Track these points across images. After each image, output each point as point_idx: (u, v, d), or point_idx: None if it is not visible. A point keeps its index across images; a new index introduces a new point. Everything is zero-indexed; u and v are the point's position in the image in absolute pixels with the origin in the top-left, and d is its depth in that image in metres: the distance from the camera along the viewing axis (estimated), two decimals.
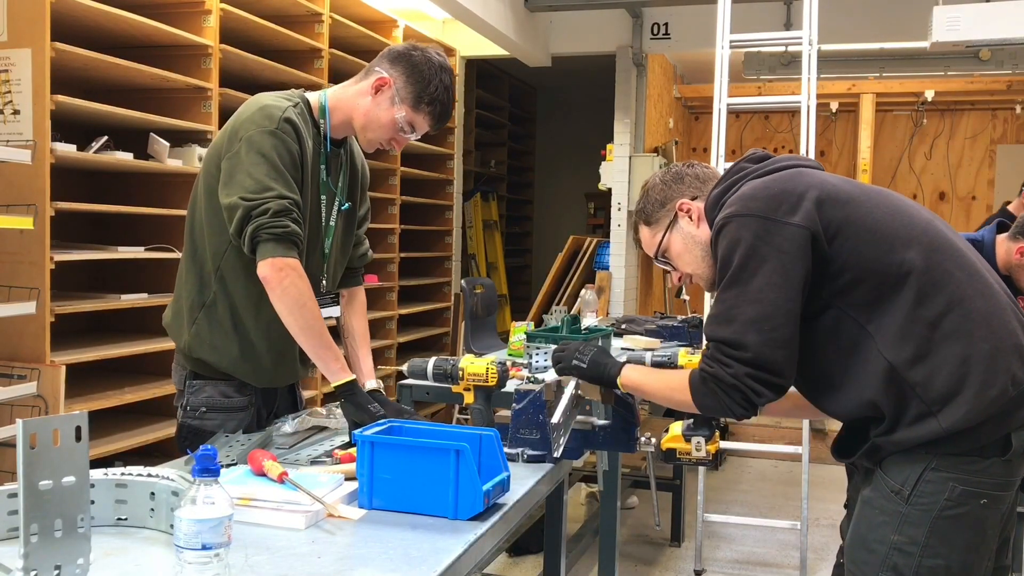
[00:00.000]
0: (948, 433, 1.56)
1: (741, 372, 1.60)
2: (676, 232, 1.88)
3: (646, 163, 5.94)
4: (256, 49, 3.92)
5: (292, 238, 1.87)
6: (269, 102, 1.96)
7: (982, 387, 1.55)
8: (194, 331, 2.02)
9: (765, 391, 1.60)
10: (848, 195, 1.67)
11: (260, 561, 1.35)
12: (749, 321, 1.60)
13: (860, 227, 1.63)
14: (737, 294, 1.62)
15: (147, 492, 1.49)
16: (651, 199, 1.92)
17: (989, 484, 1.58)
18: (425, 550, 1.40)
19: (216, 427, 2.00)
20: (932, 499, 1.58)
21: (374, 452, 1.59)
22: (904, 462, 1.62)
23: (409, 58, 1.99)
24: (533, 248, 9.70)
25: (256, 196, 1.85)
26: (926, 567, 1.58)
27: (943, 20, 4.13)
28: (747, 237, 1.62)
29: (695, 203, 1.86)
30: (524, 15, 5.67)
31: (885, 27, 5.40)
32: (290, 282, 1.86)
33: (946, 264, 1.61)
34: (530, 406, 1.91)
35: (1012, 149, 8.20)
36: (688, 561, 4.11)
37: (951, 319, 1.58)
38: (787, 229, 1.60)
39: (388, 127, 2.01)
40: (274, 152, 1.89)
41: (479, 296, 3.21)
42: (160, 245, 3.38)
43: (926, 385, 1.57)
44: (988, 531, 1.61)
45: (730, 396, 1.61)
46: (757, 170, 1.76)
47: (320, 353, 1.91)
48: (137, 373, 3.42)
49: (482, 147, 8.27)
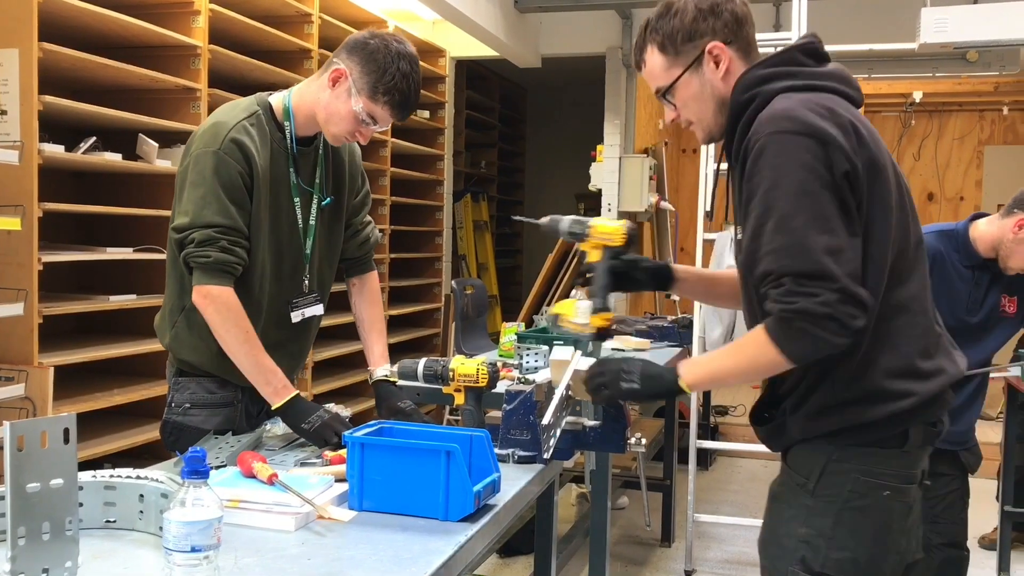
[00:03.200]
0: (844, 425, 1.57)
1: (833, 300, 1.44)
2: (696, 75, 1.66)
3: (636, 164, 5.95)
4: (245, 50, 3.91)
5: (218, 267, 1.90)
6: (219, 119, 1.97)
7: (889, 398, 1.56)
8: (174, 333, 2.06)
9: (860, 316, 1.47)
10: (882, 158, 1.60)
11: (250, 563, 1.34)
12: (825, 250, 1.45)
13: (878, 190, 1.57)
14: (807, 221, 1.46)
15: (136, 494, 1.48)
16: (679, 26, 1.65)
17: (890, 476, 1.59)
18: (415, 551, 1.40)
19: (199, 423, 2.02)
20: (836, 491, 1.59)
21: (364, 453, 1.58)
22: (807, 455, 1.62)
23: (365, 47, 1.95)
24: (523, 249, 9.70)
25: (183, 225, 1.91)
26: (833, 559, 1.58)
27: (931, 22, 4.15)
28: (806, 160, 1.48)
29: (729, 49, 1.65)
30: (514, 16, 5.67)
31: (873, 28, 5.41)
32: (212, 310, 1.92)
33: (907, 272, 1.61)
34: (520, 407, 1.91)
35: (999, 150, 8.24)
36: (678, 561, 4.11)
37: (886, 331, 1.57)
38: (837, 155, 1.49)
39: (348, 120, 1.97)
40: (214, 176, 1.91)
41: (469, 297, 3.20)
42: (149, 246, 3.37)
43: (843, 374, 1.56)
44: (894, 523, 1.61)
45: (825, 328, 1.45)
46: (809, 76, 1.62)
47: (253, 376, 1.96)
48: (126, 375, 3.40)
49: (472, 148, 8.27)
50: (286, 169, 2.03)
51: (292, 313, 2.13)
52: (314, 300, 2.17)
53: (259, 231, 1.99)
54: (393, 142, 5.25)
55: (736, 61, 1.67)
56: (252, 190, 1.96)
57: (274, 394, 1.94)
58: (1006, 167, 7.97)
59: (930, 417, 1.63)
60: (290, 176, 2.04)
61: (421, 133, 5.84)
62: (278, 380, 1.96)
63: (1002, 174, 8.03)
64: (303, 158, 2.07)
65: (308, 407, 1.95)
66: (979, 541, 4.38)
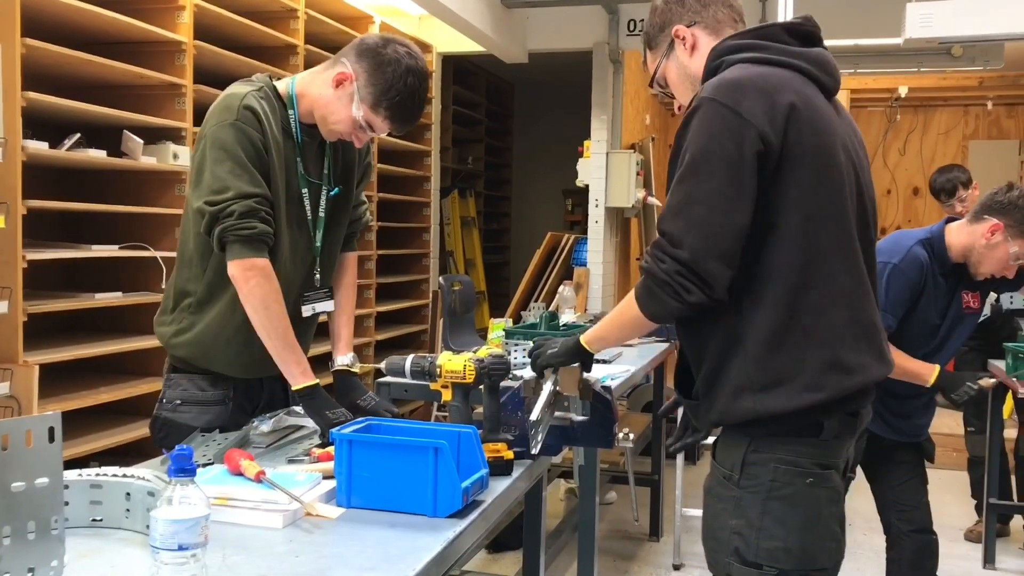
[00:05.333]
0: (759, 415, 1.58)
1: (672, 269, 1.55)
2: (672, 60, 1.81)
3: (623, 160, 5.95)
4: (231, 45, 3.89)
5: (260, 238, 1.87)
6: (230, 91, 1.95)
7: (805, 389, 1.57)
8: (178, 328, 2.04)
9: (696, 291, 1.55)
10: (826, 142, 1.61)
11: (238, 561, 1.34)
12: (695, 222, 1.54)
13: (800, 177, 1.57)
14: (692, 189, 1.56)
15: (122, 492, 1.48)
16: (653, 21, 1.84)
17: (809, 463, 1.61)
18: (404, 548, 1.40)
19: (190, 420, 2.01)
20: (759, 481, 1.61)
21: (352, 450, 1.58)
22: (729, 447, 1.65)
23: (376, 55, 1.92)
24: (511, 245, 9.70)
25: (220, 199, 1.85)
26: (764, 549, 1.60)
27: (916, 17, 4.16)
28: (714, 128, 1.55)
29: (693, 29, 1.78)
30: (501, 11, 5.66)
31: (859, 24, 5.43)
32: (256, 283, 1.88)
33: (831, 266, 1.60)
34: (509, 403, 1.91)
35: (984, 145, 8.29)
36: (667, 556, 4.13)
37: (808, 318, 1.58)
38: (749, 133, 1.53)
39: (346, 123, 1.96)
40: (237, 146, 1.87)
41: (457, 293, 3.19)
42: (135, 244, 3.35)
43: (757, 361, 1.58)
44: (824, 511, 1.63)
45: (664, 291, 1.57)
46: (778, 52, 1.66)
47: (282, 355, 1.93)
48: (112, 372, 3.38)
49: (459, 144, 8.26)
50: (293, 156, 2.01)
51: (303, 307, 2.10)
52: (325, 295, 2.15)
53: (277, 208, 1.95)
54: (380, 138, 5.24)
55: (703, 38, 1.77)
56: (270, 159, 1.93)
57: (301, 375, 1.92)
58: (990, 161, 8.02)
59: (849, 409, 1.65)
60: (297, 166, 2.02)
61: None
62: (305, 362, 1.95)
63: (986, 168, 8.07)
64: (308, 146, 2.04)
65: (330, 399, 1.96)
66: (965, 535, 4.41)
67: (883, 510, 2.90)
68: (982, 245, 2.67)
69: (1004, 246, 2.66)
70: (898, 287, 2.65)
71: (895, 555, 2.87)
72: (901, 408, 2.80)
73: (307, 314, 2.12)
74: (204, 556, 1.21)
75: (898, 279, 2.65)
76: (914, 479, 2.87)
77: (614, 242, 6.22)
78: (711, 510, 1.70)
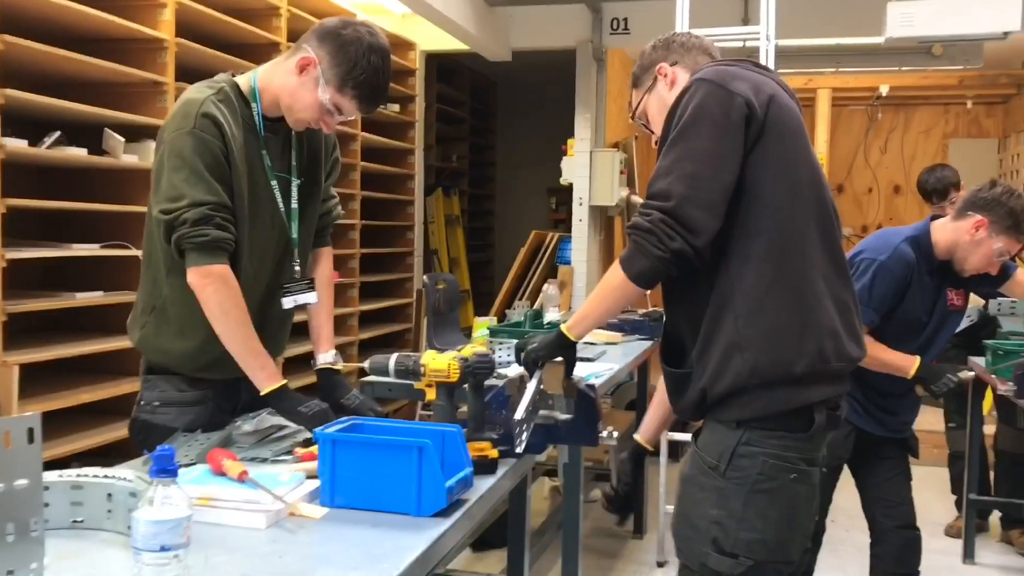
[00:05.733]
0: (750, 377, 1.62)
1: (657, 217, 1.60)
2: (654, 94, 1.95)
3: (607, 158, 5.96)
4: (213, 43, 3.86)
5: (216, 244, 1.87)
6: (188, 97, 1.93)
7: (789, 349, 1.63)
8: (143, 333, 2.03)
9: (678, 238, 1.59)
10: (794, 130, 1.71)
11: (221, 562, 1.33)
12: (682, 176, 1.62)
13: (782, 152, 1.67)
14: (681, 150, 1.64)
15: (104, 493, 1.47)
16: (641, 63, 1.99)
17: (796, 459, 1.66)
18: (388, 548, 1.40)
19: (168, 422, 1.99)
20: (745, 473, 1.65)
21: (336, 450, 1.58)
22: (719, 438, 1.69)
23: (337, 36, 1.91)
24: (495, 243, 9.69)
25: (174, 207, 1.85)
26: (743, 540, 1.64)
27: (897, 16, 4.19)
28: (704, 98, 1.66)
29: (674, 68, 1.93)
30: (484, 9, 5.66)
31: (841, 23, 5.47)
32: (213, 290, 1.87)
33: (810, 238, 1.68)
34: (493, 401, 1.91)
35: (964, 143, 8.35)
36: (651, 553, 4.14)
37: (792, 280, 1.65)
38: (737, 100, 1.64)
39: (313, 108, 1.94)
40: (194, 154, 1.86)
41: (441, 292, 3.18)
42: (116, 242, 3.33)
43: (745, 318, 1.63)
44: (801, 506, 1.69)
45: (647, 240, 1.61)
46: (749, 66, 1.80)
47: (245, 360, 1.92)
48: (93, 372, 3.36)
49: (443, 142, 8.24)
50: (258, 150, 1.99)
51: (284, 299, 2.09)
52: (306, 287, 2.13)
53: (238, 209, 1.94)
54: (363, 136, 5.22)
55: (682, 75, 1.91)
56: (230, 164, 1.92)
57: (267, 379, 1.91)
58: (970, 160, 8.07)
59: (831, 397, 1.70)
60: (263, 159, 2.00)
61: (391, 127, 5.82)
62: (271, 365, 1.94)
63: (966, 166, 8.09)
64: (272, 140, 2.03)
65: (300, 396, 1.95)
66: (945, 530, 4.45)
67: (868, 506, 2.92)
68: (967, 241, 2.70)
69: (988, 242, 2.69)
70: (884, 284, 2.68)
71: (879, 551, 2.89)
72: (888, 404, 2.84)
73: (288, 306, 2.10)
74: (186, 557, 1.21)
75: (884, 275, 2.68)
76: (899, 475, 2.89)
77: (598, 240, 6.23)
78: (690, 498, 1.72)
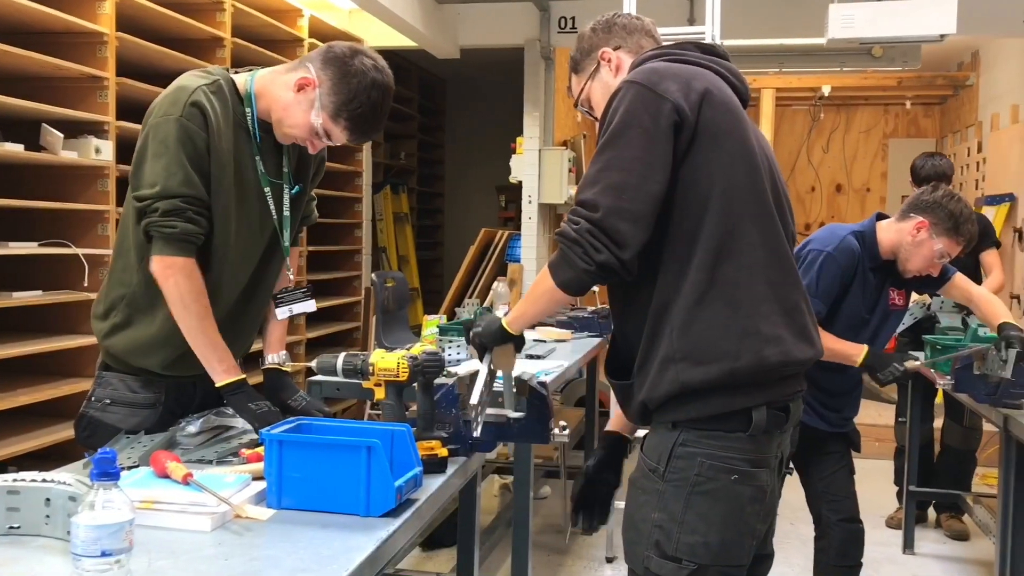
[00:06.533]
0: (682, 389, 1.61)
1: (584, 228, 1.58)
2: (597, 80, 1.89)
3: (556, 157, 5.99)
4: (155, 37, 3.79)
5: (182, 237, 1.85)
6: (180, 83, 1.91)
7: (723, 357, 1.60)
8: (111, 324, 1.99)
9: (604, 250, 1.57)
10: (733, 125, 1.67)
11: (164, 566, 1.31)
12: (610, 186, 1.59)
13: (715, 155, 1.63)
14: (609, 159, 1.62)
15: (42, 498, 1.43)
16: (580, 47, 1.92)
17: (737, 459, 1.62)
18: (336, 549, 1.39)
19: (116, 421, 1.96)
20: (684, 475, 1.63)
21: (282, 451, 1.56)
22: (657, 440, 1.68)
23: (343, 65, 1.88)
24: (445, 241, 9.68)
25: (147, 194, 1.84)
26: (685, 543, 1.62)
27: (838, 18, 4.27)
28: (632, 103, 1.62)
29: (617, 53, 1.87)
30: (432, 6, 5.64)
31: (784, 24, 5.55)
32: (174, 282, 1.86)
33: (749, 240, 1.64)
34: (443, 400, 1.90)
35: (903, 143, 8.55)
36: (600, 549, 4.17)
37: (728, 287, 1.62)
38: (666, 105, 1.60)
39: (304, 128, 1.92)
40: (178, 143, 1.84)
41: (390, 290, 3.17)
42: (55, 240, 3.25)
43: (680, 329, 1.62)
44: (746, 508, 1.65)
45: (573, 251, 1.59)
46: (692, 58, 1.74)
47: (204, 352, 1.91)
48: (32, 374, 3.28)
49: (391, 139, 8.20)
50: (250, 153, 1.97)
51: (278, 310, 2.11)
52: (303, 296, 2.14)
53: (219, 208, 1.92)
54: None
55: (626, 60, 1.86)
56: (212, 155, 1.89)
57: (224, 372, 1.91)
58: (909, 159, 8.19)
59: (776, 395, 1.66)
60: (256, 165, 1.98)
61: None
62: (229, 359, 1.93)
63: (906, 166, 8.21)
64: (267, 145, 2.00)
65: (255, 393, 1.94)
66: (886, 522, 4.55)
67: (813, 501, 2.98)
68: (909, 242, 2.79)
69: (930, 243, 2.77)
70: (831, 274, 2.75)
71: (823, 544, 2.95)
72: (832, 401, 2.90)
73: (283, 316, 2.12)
74: (129, 562, 1.19)
75: (831, 266, 2.75)
76: (843, 469, 2.96)
77: (547, 238, 6.26)
78: (634, 502, 1.71)
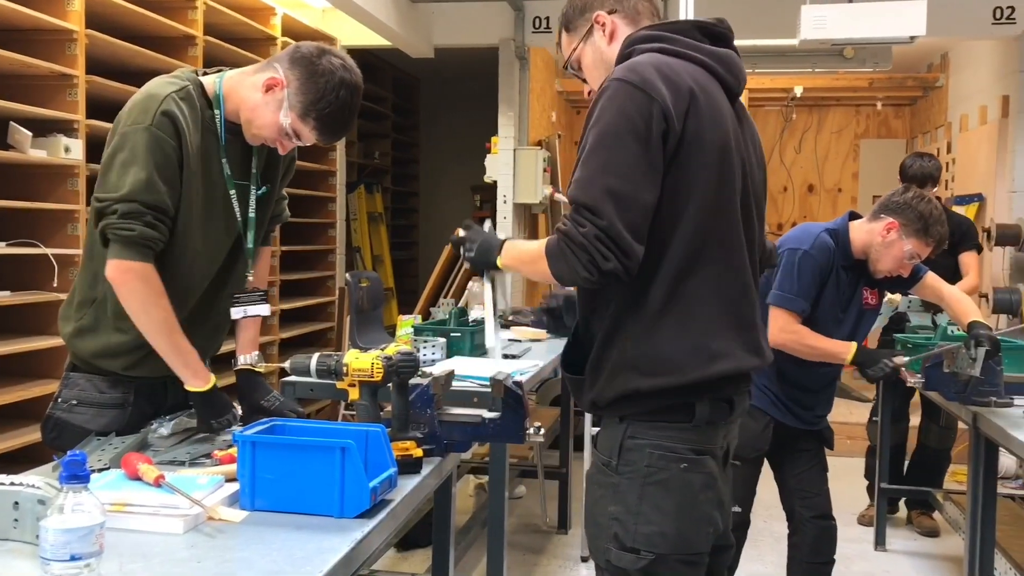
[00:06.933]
0: (626, 391, 1.64)
1: (591, 234, 1.56)
2: (589, 44, 1.84)
3: (530, 156, 5.99)
4: (126, 35, 3.75)
5: (141, 241, 1.83)
6: (150, 90, 1.89)
7: (668, 371, 1.63)
8: (78, 326, 1.97)
9: (613, 259, 1.56)
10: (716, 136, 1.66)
11: (136, 569, 1.30)
12: (611, 192, 1.57)
13: (695, 169, 1.63)
14: (605, 161, 1.59)
15: (10, 502, 1.41)
16: (573, 4, 1.87)
17: (683, 449, 1.66)
18: (310, 550, 1.38)
19: (84, 422, 1.94)
20: (636, 467, 1.66)
21: (255, 452, 1.55)
22: (607, 435, 1.71)
23: (311, 64, 1.87)
24: (420, 241, 9.65)
25: (108, 196, 1.82)
26: (642, 534, 1.65)
27: (811, 19, 4.30)
28: (624, 103, 1.59)
29: (613, 17, 1.82)
30: (406, 5, 5.62)
31: (756, 24, 5.59)
32: (131, 287, 1.84)
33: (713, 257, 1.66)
34: (418, 400, 1.90)
35: (874, 144, 8.65)
36: (575, 548, 4.17)
37: (686, 302, 1.64)
38: (656, 109, 1.58)
39: (272, 128, 1.91)
40: (147, 151, 1.83)
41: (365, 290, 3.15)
42: (24, 240, 3.21)
43: (634, 341, 1.65)
44: (699, 496, 1.67)
45: (577, 256, 1.57)
46: (684, 46, 1.71)
47: (170, 357, 1.90)
48: (0, 375, 3.23)
49: (365, 138, 8.16)
50: (217, 155, 1.96)
51: (233, 309, 2.08)
52: (259, 299, 2.11)
53: (190, 213, 1.91)
54: None
55: (621, 26, 1.81)
56: (183, 165, 1.88)
57: (193, 376, 1.90)
58: (880, 160, 8.36)
59: (719, 395, 1.69)
60: (223, 167, 1.97)
61: None
62: (196, 362, 1.92)
63: (876, 166, 8.43)
64: (233, 146, 1.99)
65: (224, 401, 1.92)
66: (858, 519, 4.59)
67: (786, 498, 3.01)
68: (879, 243, 2.82)
69: (899, 244, 2.81)
70: (809, 271, 2.78)
71: (797, 540, 2.98)
72: (805, 399, 2.92)
73: (236, 316, 2.09)
74: (99, 566, 1.17)
75: (808, 263, 2.78)
76: (815, 467, 2.99)
77: (522, 237, 6.26)
78: (592, 497, 1.74)
